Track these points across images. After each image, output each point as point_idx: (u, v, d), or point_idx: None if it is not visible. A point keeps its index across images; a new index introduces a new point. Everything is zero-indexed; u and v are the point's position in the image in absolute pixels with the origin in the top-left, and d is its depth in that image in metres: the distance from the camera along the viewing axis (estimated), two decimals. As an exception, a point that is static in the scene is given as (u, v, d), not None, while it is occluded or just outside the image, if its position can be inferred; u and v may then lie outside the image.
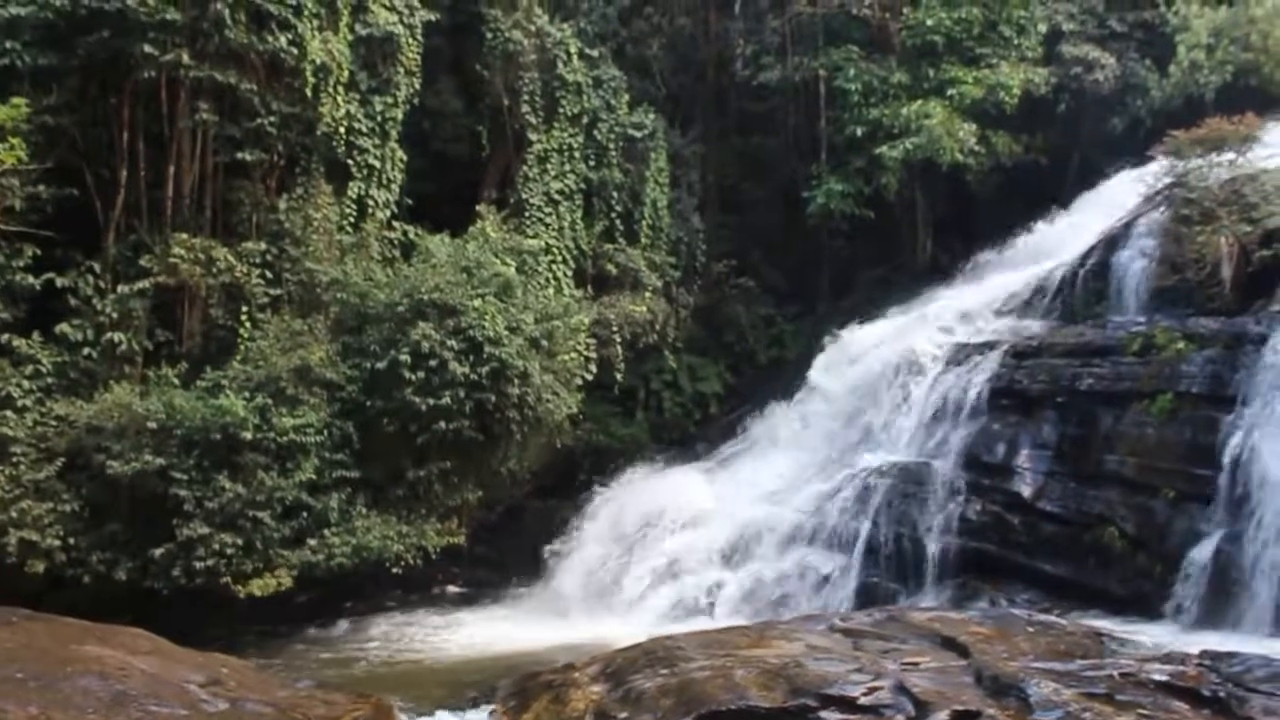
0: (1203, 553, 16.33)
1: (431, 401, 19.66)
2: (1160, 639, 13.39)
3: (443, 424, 19.86)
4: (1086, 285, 21.89)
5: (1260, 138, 20.73)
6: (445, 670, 17.53)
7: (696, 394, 28.68)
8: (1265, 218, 19.37)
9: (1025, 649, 11.05)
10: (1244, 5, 27.16)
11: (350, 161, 22.06)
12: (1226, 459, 16.57)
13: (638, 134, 26.84)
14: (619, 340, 25.34)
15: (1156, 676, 9.63)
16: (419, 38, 23.05)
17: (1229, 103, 24.11)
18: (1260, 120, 21.26)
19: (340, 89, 21.39)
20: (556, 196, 25.39)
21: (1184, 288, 19.95)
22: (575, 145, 25.86)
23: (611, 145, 26.52)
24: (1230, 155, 20.28)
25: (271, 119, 20.43)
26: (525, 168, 25.20)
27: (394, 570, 20.47)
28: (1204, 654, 10.37)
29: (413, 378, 19.66)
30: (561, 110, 25.58)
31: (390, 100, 22.56)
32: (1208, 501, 16.68)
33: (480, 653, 18.57)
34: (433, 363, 19.71)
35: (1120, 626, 14.07)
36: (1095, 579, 17.79)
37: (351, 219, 22.17)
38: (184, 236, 19.75)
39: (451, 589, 23.81)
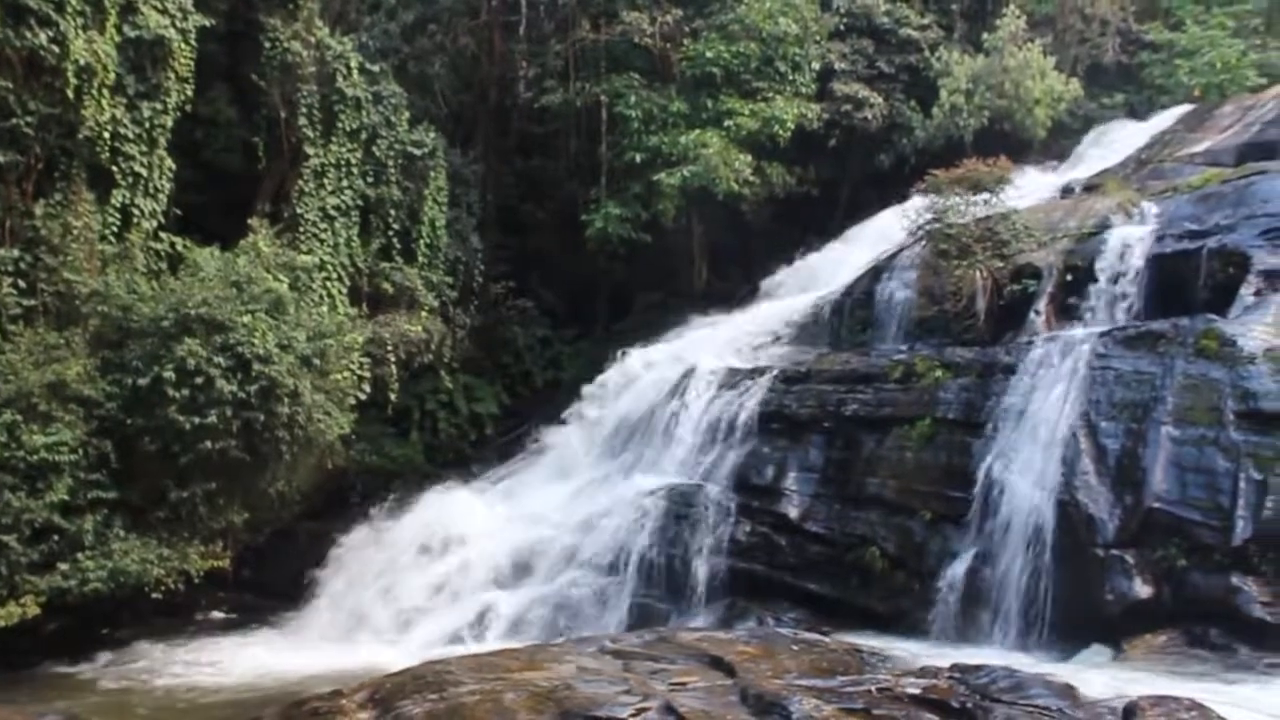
0: (956, 571, 17.06)
1: (196, 420, 18.98)
2: (917, 654, 13.81)
3: (208, 444, 19.19)
4: (853, 314, 22.71)
5: (1012, 180, 21.99)
6: (207, 699, 16.94)
7: (472, 415, 28.54)
8: (1015, 255, 20.56)
9: (789, 667, 11.31)
10: (999, 56, 28.85)
11: (115, 168, 21.05)
12: (978, 481, 17.39)
13: (417, 152, 26.55)
14: (394, 360, 24.98)
15: (910, 690, 10.00)
16: (192, 43, 22.18)
17: (985, 145, 25.53)
18: (1012, 163, 22.62)
19: (105, 92, 20.44)
20: (333, 212, 24.88)
21: (943, 318, 20.92)
22: (353, 161, 25.41)
23: (390, 162, 26.13)
24: (985, 195, 21.39)
25: (28, 119, 19.37)
26: (301, 182, 24.59)
27: (154, 596, 19.63)
28: (954, 667, 10.81)
29: (177, 395, 18.92)
30: (340, 125, 25.09)
31: (159, 106, 21.66)
32: (961, 522, 17.47)
33: (245, 680, 18.00)
34: (198, 380, 19.02)
35: (881, 643, 14.45)
36: (858, 597, 18.40)
37: (115, 228, 21.17)
38: (-74, 241, 18.62)
39: (216, 614, 23.04)
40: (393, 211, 26.21)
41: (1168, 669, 13.44)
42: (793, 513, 19.63)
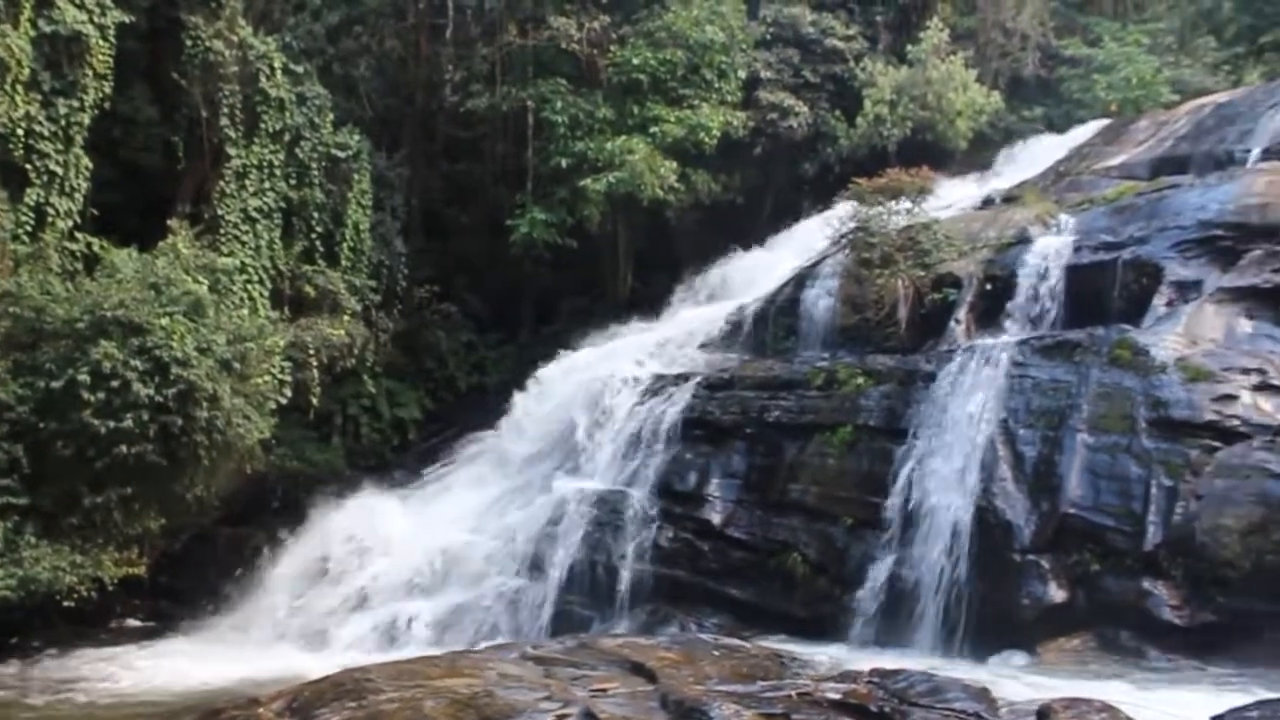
0: (877, 576, 17.26)
1: (112, 424, 18.61)
2: (838, 659, 13.93)
3: (124, 448, 18.81)
4: (777, 321, 22.83)
5: (934, 190, 22.34)
6: (122, 710, 16.60)
7: (395, 420, 28.32)
8: (937, 264, 20.89)
9: (711, 673, 11.32)
10: (922, 67, 29.21)
11: (29, 166, 20.61)
12: (898, 488, 17.64)
13: (341, 154, 26.27)
14: (315, 364, 24.65)
15: (830, 695, 10.05)
16: (111, 39, 21.77)
17: (908, 155, 25.88)
18: (934, 173, 22.97)
19: (19, 88, 20.03)
20: (255, 214, 24.54)
21: (865, 326, 21.15)
22: (276, 162, 25.06)
23: (314, 164, 25.83)
24: (907, 204, 21.70)
25: (-62, 116, 19.02)
26: (223, 183, 24.22)
27: (66, 604, 19.22)
28: (873, 672, 10.87)
29: (92, 399, 18.54)
30: (263, 126, 24.75)
31: (76, 104, 21.25)
32: (882, 528, 17.67)
33: (162, 690, 17.62)
34: (114, 383, 18.65)
35: (803, 648, 14.53)
36: (780, 603, 18.51)
37: (29, 228, 20.73)
38: None
39: (132, 622, 22.57)
40: (316, 214, 25.93)
41: (1081, 671, 13.71)
42: (715, 519, 19.71)
